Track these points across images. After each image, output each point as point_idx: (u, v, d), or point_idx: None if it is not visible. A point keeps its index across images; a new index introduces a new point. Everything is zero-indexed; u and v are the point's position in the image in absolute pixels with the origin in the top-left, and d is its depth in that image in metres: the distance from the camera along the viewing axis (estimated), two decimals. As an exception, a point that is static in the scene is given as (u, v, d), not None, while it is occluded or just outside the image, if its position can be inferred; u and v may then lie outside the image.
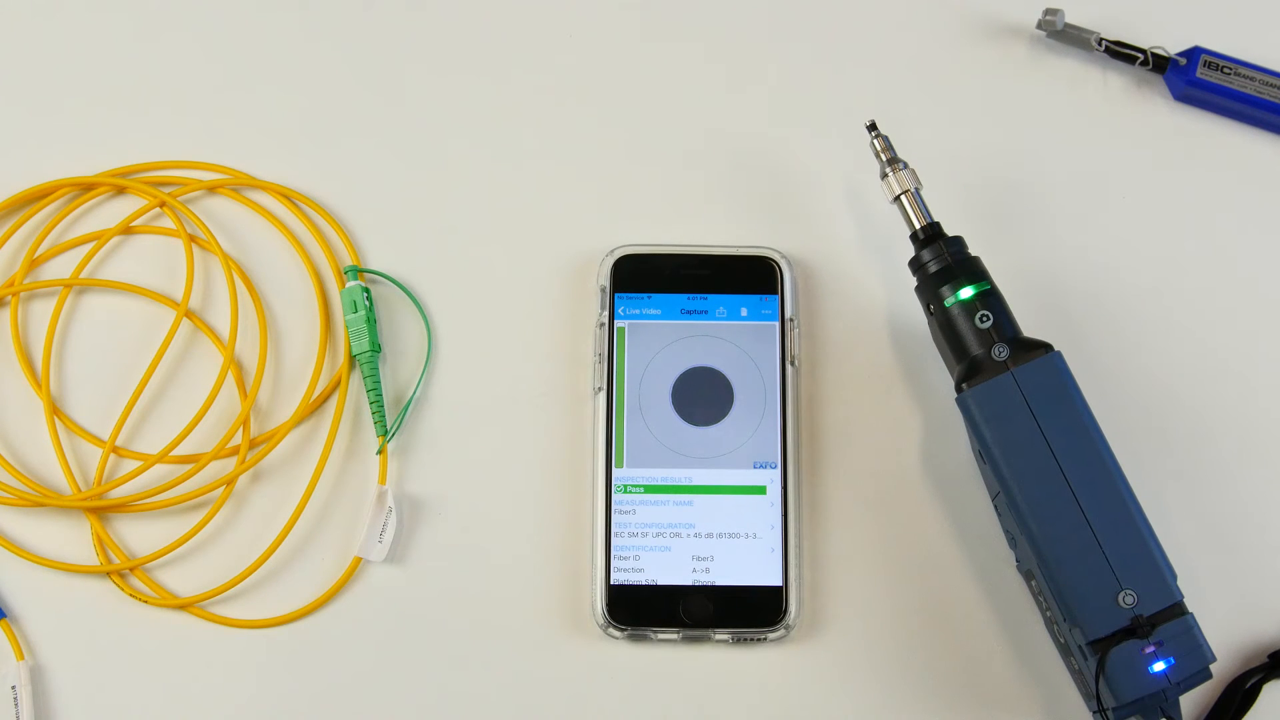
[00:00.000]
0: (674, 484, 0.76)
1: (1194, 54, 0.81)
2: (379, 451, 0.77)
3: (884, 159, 0.76)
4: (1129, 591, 0.68)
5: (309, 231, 0.80)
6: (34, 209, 0.80)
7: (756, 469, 0.76)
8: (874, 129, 0.76)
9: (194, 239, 0.80)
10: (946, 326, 0.73)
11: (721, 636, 0.75)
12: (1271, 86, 0.81)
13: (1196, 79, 0.81)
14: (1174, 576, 0.69)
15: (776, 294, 0.78)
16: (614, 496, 0.76)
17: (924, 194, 0.75)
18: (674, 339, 0.78)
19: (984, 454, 0.71)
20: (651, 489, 0.76)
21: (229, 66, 0.83)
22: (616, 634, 0.75)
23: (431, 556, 0.76)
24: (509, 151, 0.81)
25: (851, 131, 0.78)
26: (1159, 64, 0.81)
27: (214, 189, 0.81)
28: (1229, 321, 0.79)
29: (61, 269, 0.80)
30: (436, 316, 0.79)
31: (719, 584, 0.75)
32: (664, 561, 0.75)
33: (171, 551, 0.76)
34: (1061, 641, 0.72)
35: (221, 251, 0.79)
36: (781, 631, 0.74)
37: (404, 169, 0.81)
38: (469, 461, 0.77)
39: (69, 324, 0.79)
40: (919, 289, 0.75)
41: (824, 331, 0.79)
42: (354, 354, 0.78)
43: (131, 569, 0.76)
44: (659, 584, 0.75)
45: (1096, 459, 0.70)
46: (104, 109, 0.82)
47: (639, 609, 0.75)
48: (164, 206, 0.80)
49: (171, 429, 0.77)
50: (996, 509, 0.74)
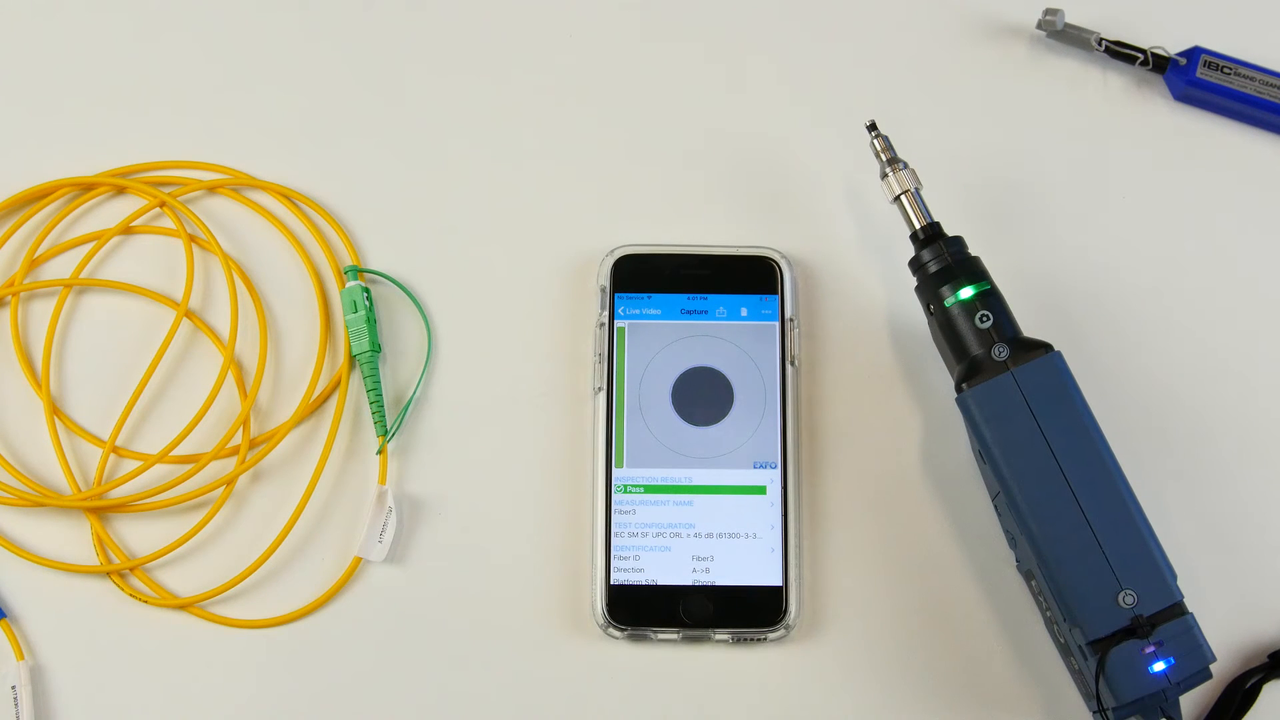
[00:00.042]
0: (674, 484, 0.76)
1: (1194, 54, 0.81)
2: (379, 451, 0.77)
3: (884, 159, 0.76)
4: (1129, 591, 0.68)
5: (309, 231, 0.80)
6: (34, 209, 0.80)
7: (756, 469, 0.76)
8: (874, 129, 0.76)
9: (194, 239, 0.80)
10: (946, 326, 0.73)
11: (721, 636, 0.75)
12: (1271, 86, 0.81)
13: (1196, 79, 0.81)
14: (1174, 576, 0.69)
15: (776, 294, 0.78)
16: (614, 496, 0.76)
17: (924, 194, 0.75)
18: (674, 339, 0.78)
19: (984, 454, 0.71)
20: (651, 489, 0.76)
21: (229, 66, 0.83)
22: (616, 634, 0.74)
23: (431, 556, 0.76)
24: (509, 151, 0.81)
25: (851, 131, 0.78)
26: (1159, 64, 0.81)
27: (214, 189, 0.81)
28: (1229, 321, 0.79)
29: (61, 269, 0.80)
30: (436, 316, 0.79)
31: (719, 584, 0.75)
32: (664, 561, 0.75)
33: (171, 551, 0.76)
34: (1061, 641, 0.72)
35: (221, 251, 0.79)
36: (781, 631, 0.74)
37: (404, 169, 0.81)
38: (469, 461, 0.77)
39: (69, 324, 0.79)
40: (919, 289, 0.75)
41: (824, 331, 0.79)
42: (354, 354, 0.78)
43: (131, 569, 0.76)
44: (659, 584, 0.75)
45: (1096, 459, 0.70)
46: (104, 109, 0.82)
47: (639, 609, 0.75)
48: (164, 206, 0.80)
49: (171, 429, 0.77)
50: (996, 509, 0.74)
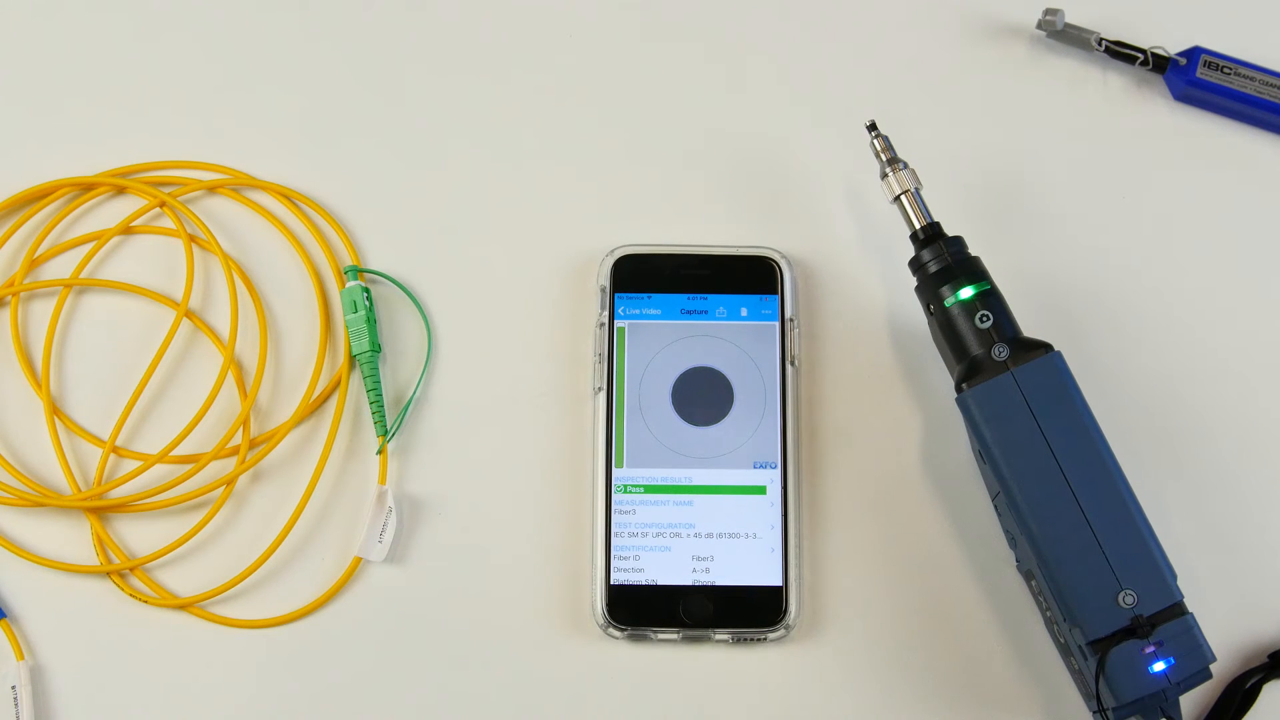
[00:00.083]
0: (674, 484, 0.76)
1: (1194, 54, 0.81)
2: (379, 451, 0.77)
3: (884, 159, 0.75)
4: (1129, 591, 0.68)
5: (309, 231, 0.80)
6: (34, 209, 0.80)
7: (756, 469, 0.76)
8: (874, 129, 0.76)
9: (194, 239, 0.80)
10: (946, 326, 0.73)
11: (721, 636, 0.75)
12: (1271, 86, 0.81)
13: (1196, 79, 0.81)
14: (1174, 576, 0.69)
15: (776, 294, 0.78)
16: (614, 496, 0.76)
17: (924, 194, 0.75)
18: (674, 339, 0.78)
19: (984, 454, 0.71)
20: (651, 489, 0.76)
21: (229, 66, 0.83)
22: (616, 634, 0.74)
23: (431, 556, 0.76)
24: (509, 151, 0.81)
25: (851, 131, 0.78)
26: (1159, 64, 0.81)
27: (214, 189, 0.81)
28: (1229, 321, 0.79)
29: (61, 269, 0.80)
30: (436, 316, 0.79)
31: (719, 584, 0.75)
32: (664, 561, 0.75)
33: (171, 551, 0.76)
34: (1061, 641, 0.72)
35: (221, 251, 0.79)
36: (781, 631, 0.74)
37: (404, 169, 0.81)
38: (469, 461, 0.77)
39: (69, 324, 0.79)
40: (919, 289, 0.75)
41: (824, 331, 0.79)
42: (354, 354, 0.78)
43: (131, 569, 0.76)
44: (659, 584, 0.75)
45: (1096, 459, 0.70)
46: (104, 109, 0.82)
47: (639, 609, 0.75)
48: (164, 206, 0.80)
49: (171, 429, 0.77)
50: (996, 509, 0.74)
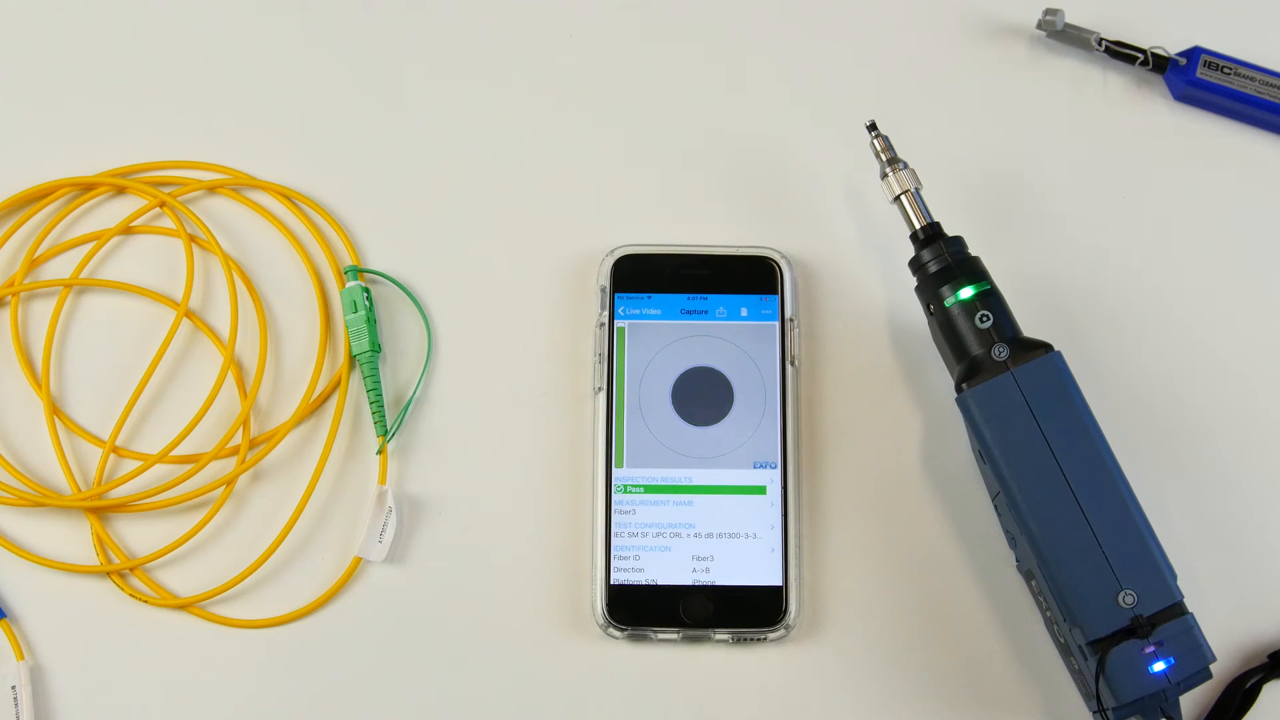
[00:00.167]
0: (674, 484, 0.76)
1: (1194, 54, 0.81)
2: (379, 451, 0.77)
3: (884, 159, 0.75)
4: (1129, 591, 0.68)
5: (309, 231, 0.80)
6: (34, 209, 0.80)
7: (756, 469, 0.76)
8: (874, 129, 0.76)
9: (194, 239, 0.80)
10: (946, 326, 0.73)
11: (721, 636, 0.75)
12: (1271, 86, 0.81)
13: (1196, 79, 0.81)
14: (1174, 576, 0.69)
15: (776, 294, 0.78)
16: (614, 496, 0.76)
17: (924, 194, 0.75)
18: (674, 339, 0.78)
19: (984, 454, 0.71)
20: (651, 489, 0.76)
21: (229, 66, 0.83)
22: (616, 634, 0.74)
23: (431, 556, 0.76)
24: (509, 151, 0.81)
25: (851, 131, 0.78)
26: (1159, 64, 0.81)
27: (214, 189, 0.81)
28: (1229, 321, 0.79)
29: (61, 269, 0.80)
30: (436, 316, 0.79)
31: (719, 584, 0.75)
32: (664, 561, 0.75)
33: (171, 551, 0.76)
34: (1061, 641, 0.72)
35: (221, 251, 0.79)
36: (781, 631, 0.74)
37: (404, 169, 0.81)
38: (469, 461, 0.77)
39: (69, 324, 0.79)
40: (919, 289, 0.75)
41: (824, 331, 0.79)
42: (354, 354, 0.78)
43: (131, 569, 0.76)
44: (659, 584, 0.75)
45: (1096, 459, 0.70)
46: (104, 109, 0.82)
47: (639, 609, 0.75)
48: (164, 206, 0.80)
49: (171, 429, 0.77)
50: (996, 509, 0.74)
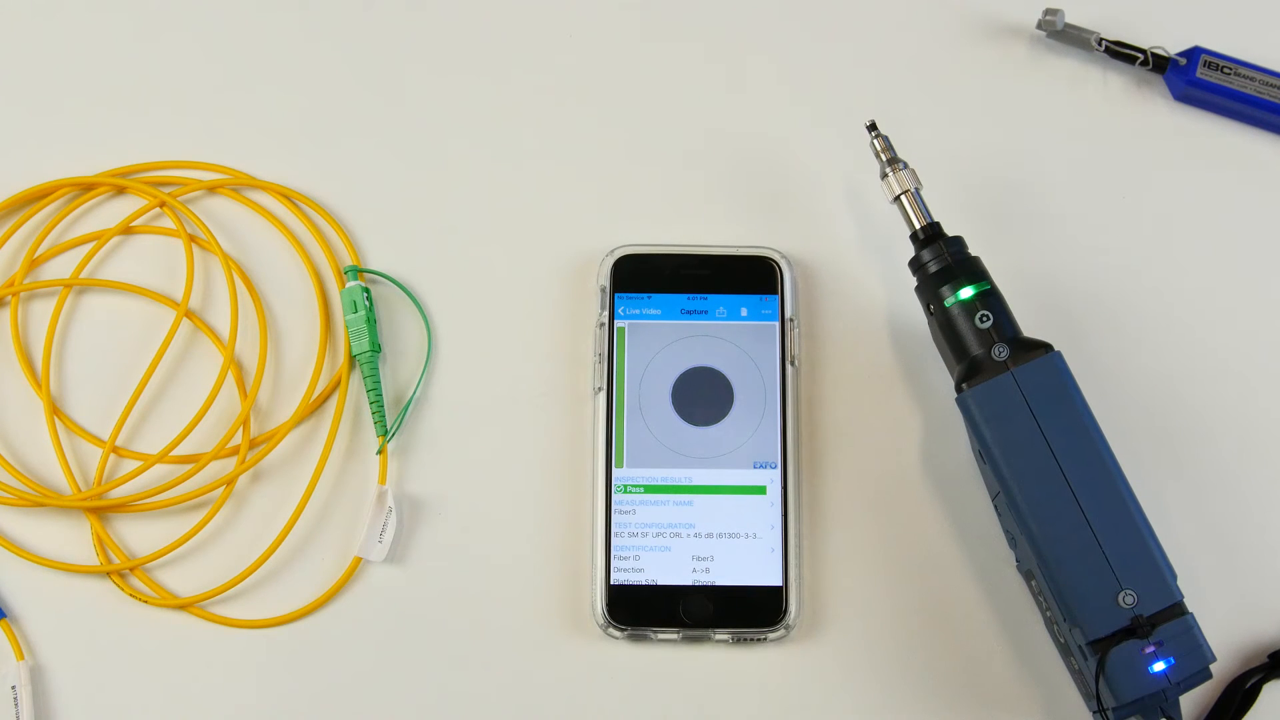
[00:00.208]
0: (674, 484, 0.76)
1: (1194, 54, 0.81)
2: (379, 451, 0.77)
3: (884, 159, 0.75)
4: (1129, 591, 0.68)
5: (309, 231, 0.80)
6: (34, 209, 0.80)
7: (756, 469, 0.76)
8: (874, 129, 0.76)
9: (194, 239, 0.80)
10: (946, 326, 0.73)
11: (721, 636, 0.75)
12: (1271, 86, 0.81)
13: (1196, 79, 0.81)
14: (1174, 576, 0.69)
15: (776, 294, 0.78)
16: (614, 496, 0.76)
17: (924, 194, 0.75)
18: (674, 339, 0.78)
19: (984, 454, 0.71)
20: (651, 489, 0.76)
21: (229, 66, 0.83)
22: (616, 634, 0.74)
23: (431, 556, 0.76)
24: (509, 151, 0.81)
25: (851, 131, 0.78)
26: (1159, 64, 0.81)
27: (214, 189, 0.81)
28: (1229, 321, 0.79)
29: (61, 269, 0.80)
30: (436, 316, 0.79)
31: (719, 584, 0.75)
32: (664, 561, 0.75)
33: (171, 551, 0.76)
34: (1061, 641, 0.72)
35: (221, 251, 0.79)
36: (781, 631, 0.74)
37: (404, 169, 0.81)
38: (469, 461, 0.77)
39: (69, 324, 0.79)
40: (919, 289, 0.75)
41: (824, 331, 0.79)
42: (354, 354, 0.78)
43: (131, 569, 0.76)
44: (659, 584, 0.75)
45: (1096, 459, 0.70)
46: (104, 109, 0.82)
47: (639, 609, 0.75)
48: (164, 206, 0.80)
49: (171, 429, 0.77)
50: (996, 509, 0.74)
